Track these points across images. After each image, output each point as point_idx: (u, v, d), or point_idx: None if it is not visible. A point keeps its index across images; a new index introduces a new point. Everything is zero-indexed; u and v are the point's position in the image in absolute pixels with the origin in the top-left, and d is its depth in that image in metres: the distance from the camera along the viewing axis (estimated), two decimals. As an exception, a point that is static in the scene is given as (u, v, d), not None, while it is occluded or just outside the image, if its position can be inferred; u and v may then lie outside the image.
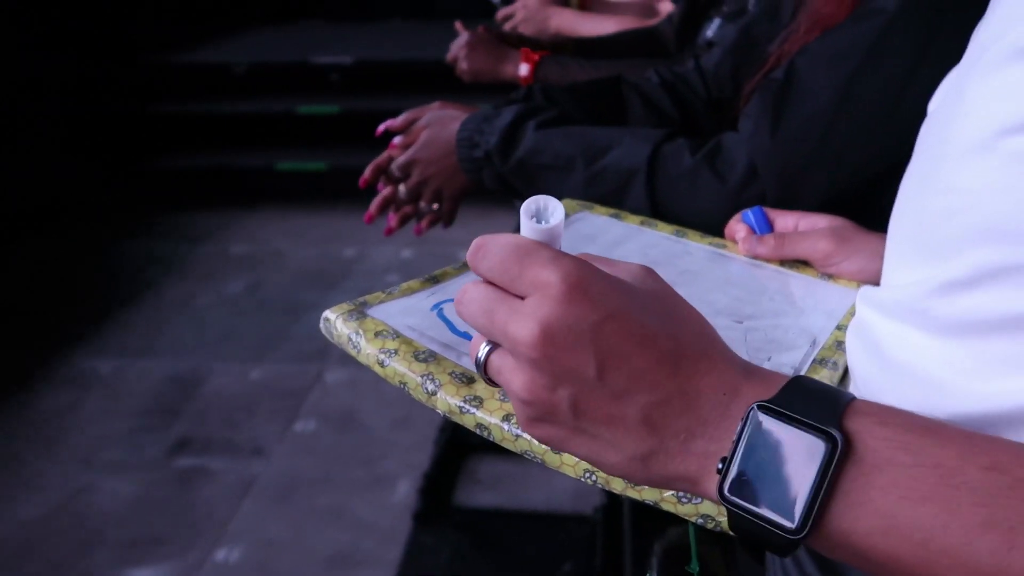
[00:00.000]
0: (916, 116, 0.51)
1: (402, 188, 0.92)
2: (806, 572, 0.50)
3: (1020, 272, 0.35)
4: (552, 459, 0.41)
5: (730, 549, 0.39)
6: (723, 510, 0.36)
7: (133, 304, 2.81)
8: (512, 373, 0.34)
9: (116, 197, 3.60)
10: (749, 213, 0.64)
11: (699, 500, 0.37)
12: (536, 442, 0.41)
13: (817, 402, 0.31)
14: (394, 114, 0.94)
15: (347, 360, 2.45)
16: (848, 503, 0.29)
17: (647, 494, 0.38)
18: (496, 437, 0.43)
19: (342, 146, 3.43)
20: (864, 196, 0.69)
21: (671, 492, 0.37)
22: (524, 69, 1.18)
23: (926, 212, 0.42)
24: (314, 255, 3.15)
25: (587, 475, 0.40)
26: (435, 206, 0.93)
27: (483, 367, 0.36)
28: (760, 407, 0.31)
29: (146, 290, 2.91)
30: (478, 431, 0.43)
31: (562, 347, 0.32)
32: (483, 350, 0.35)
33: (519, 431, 0.42)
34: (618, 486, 0.39)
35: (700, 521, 0.37)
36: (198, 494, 1.98)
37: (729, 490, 0.31)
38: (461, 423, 0.44)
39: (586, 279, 0.33)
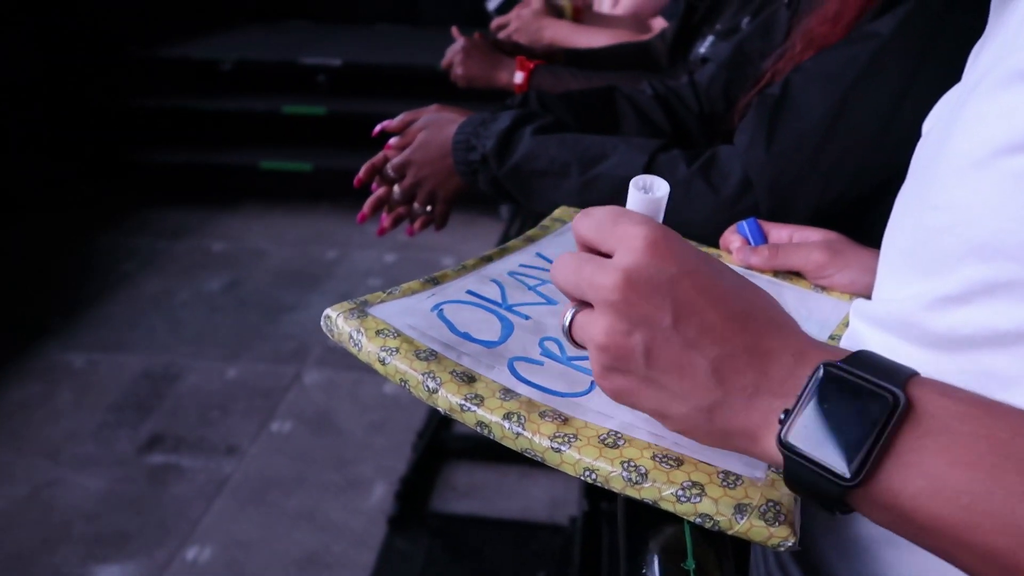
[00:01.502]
0: (907, 136, 0.52)
1: (396, 189, 0.92)
2: (789, 575, 0.51)
3: (1012, 288, 0.36)
4: (552, 457, 0.41)
5: (722, 551, 0.40)
6: (722, 509, 0.37)
7: (109, 298, 2.78)
8: (594, 322, 0.36)
9: (96, 190, 3.56)
10: (744, 224, 0.65)
11: (697, 499, 0.37)
12: (536, 440, 0.41)
13: (883, 369, 0.33)
14: (381, 118, 0.95)
15: (325, 362, 2.45)
16: (901, 463, 0.31)
17: (646, 492, 0.38)
18: (497, 435, 0.43)
19: (328, 148, 3.42)
20: (855, 211, 0.71)
21: (670, 491, 0.38)
22: (519, 77, 1.19)
23: (920, 228, 0.43)
24: (295, 255, 3.13)
25: (587, 473, 0.40)
26: (428, 208, 0.93)
27: (568, 328, 0.39)
28: (827, 364, 0.33)
29: (123, 284, 2.88)
30: (479, 429, 0.43)
31: (641, 293, 0.35)
32: (569, 313, 0.39)
33: (520, 429, 0.42)
34: (617, 485, 0.39)
35: (699, 520, 0.37)
36: (169, 492, 1.95)
37: (790, 437, 0.33)
38: (462, 421, 0.44)
39: (670, 238, 0.36)
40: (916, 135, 0.52)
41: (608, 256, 0.37)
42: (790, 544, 0.36)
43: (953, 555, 0.31)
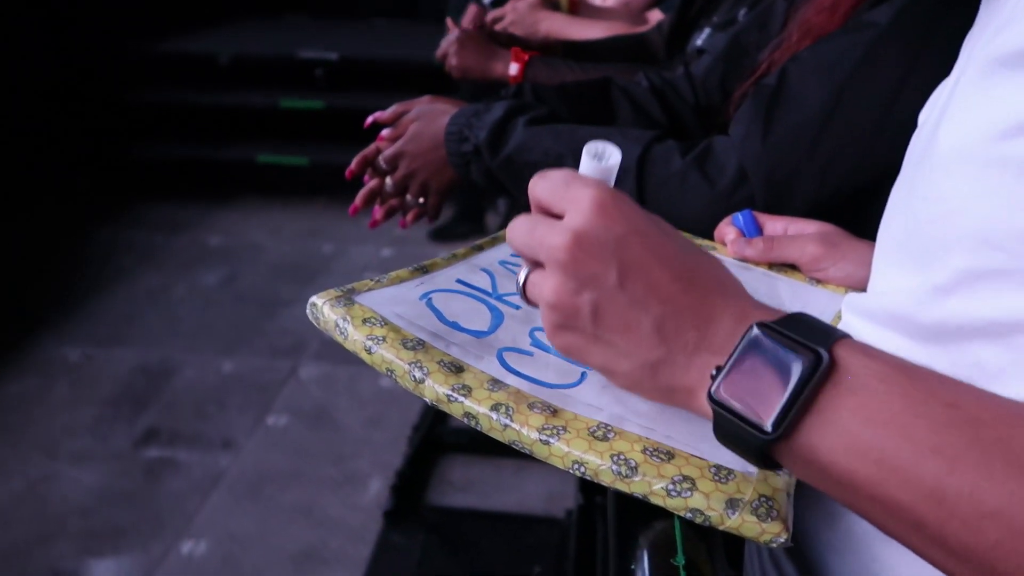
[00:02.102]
0: (905, 127, 0.52)
1: (388, 181, 0.91)
2: (784, 573, 0.50)
3: (997, 278, 0.36)
4: (541, 450, 0.40)
5: (713, 545, 0.39)
6: (713, 504, 0.36)
7: (105, 292, 2.77)
8: (544, 281, 0.38)
9: (93, 184, 3.55)
10: (739, 216, 0.64)
11: (688, 494, 0.37)
12: (524, 432, 0.41)
13: (814, 330, 0.34)
14: None
15: (322, 356, 2.45)
16: (820, 419, 0.32)
17: (636, 487, 0.38)
18: (484, 427, 0.42)
19: (325, 142, 3.41)
20: (852, 204, 0.70)
21: (660, 485, 0.37)
22: (514, 68, 1.18)
23: (912, 219, 0.42)
24: (292, 250, 3.12)
25: (576, 467, 0.39)
26: (421, 200, 0.92)
27: (523, 287, 0.40)
28: (759, 324, 0.34)
29: (119, 278, 2.87)
30: (466, 420, 0.42)
31: (589, 253, 0.36)
32: (523, 272, 0.40)
33: (507, 421, 0.41)
34: (607, 478, 0.38)
35: (689, 515, 0.36)
36: (164, 486, 1.95)
37: (718, 393, 0.34)
38: (449, 412, 0.43)
39: (618, 199, 0.37)
40: (913, 126, 0.51)
41: (560, 217, 0.38)
42: (782, 540, 0.35)
43: (865, 510, 0.32)
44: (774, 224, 0.64)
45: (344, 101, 3.41)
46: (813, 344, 0.32)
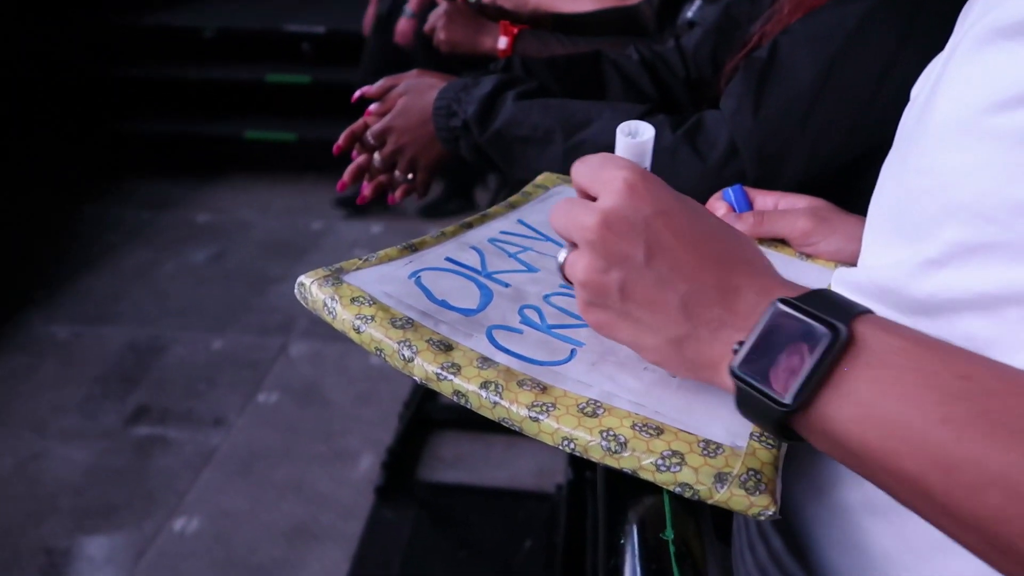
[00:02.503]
0: (897, 100, 0.51)
1: (377, 156, 0.90)
2: (772, 546, 0.50)
3: (988, 251, 0.35)
4: (530, 427, 0.40)
5: (702, 519, 0.39)
6: (702, 478, 0.36)
7: (93, 270, 2.75)
8: (577, 260, 0.39)
9: (79, 161, 3.51)
10: (729, 191, 0.64)
11: (677, 468, 0.37)
12: (514, 409, 0.41)
13: (835, 306, 0.34)
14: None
15: (312, 333, 2.44)
16: (837, 392, 0.33)
17: (625, 462, 0.38)
18: (474, 404, 0.42)
19: (313, 117, 3.38)
20: (844, 178, 0.70)
21: (649, 460, 0.37)
22: (503, 42, 1.17)
23: (904, 192, 0.42)
24: (281, 227, 3.11)
25: (565, 443, 0.39)
26: (410, 176, 0.91)
27: (562, 266, 0.41)
28: (781, 300, 0.35)
29: (106, 256, 2.85)
30: (456, 398, 0.42)
31: (617, 232, 0.37)
32: (563, 253, 0.41)
33: (497, 398, 0.41)
34: (596, 454, 0.39)
35: (679, 490, 0.37)
36: (155, 463, 1.95)
37: (739, 367, 0.35)
38: (439, 390, 0.43)
39: (648, 181, 0.38)
40: (904, 99, 0.51)
41: (595, 200, 0.39)
42: (770, 513, 0.36)
43: (879, 479, 0.33)
44: (764, 199, 0.64)
45: (332, 75, 3.37)
46: (833, 319, 0.33)
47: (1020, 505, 0.28)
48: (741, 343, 0.36)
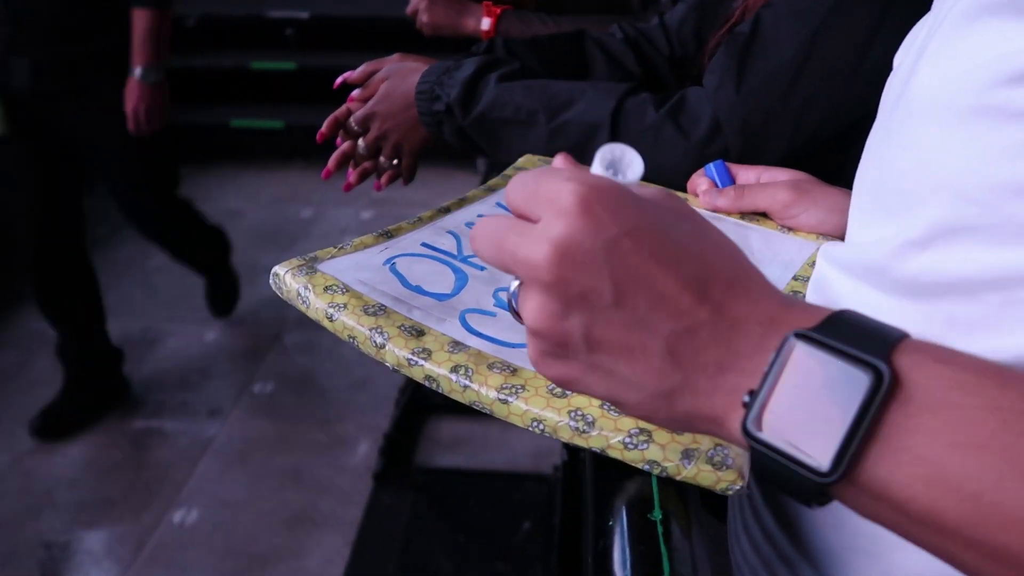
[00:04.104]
0: (881, 71, 0.51)
1: (361, 143, 0.90)
2: (764, 523, 0.51)
3: (970, 233, 0.35)
4: (500, 409, 0.41)
5: (691, 500, 0.39)
6: (669, 455, 0.36)
7: (82, 264, 2.73)
8: (526, 301, 0.31)
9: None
10: (711, 167, 0.64)
11: (645, 446, 0.37)
12: (483, 392, 0.41)
13: (865, 334, 0.28)
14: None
15: (305, 322, 2.41)
16: (890, 447, 0.26)
17: (593, 441, 0.38)
18: (444, 388, 0.43)
19: (299, 104, 3.34)
20: (829, 152, 0.70)
21: (618, 439, 0.38)
22: (486, 23, 1.16)
23: (887, 169, 0.42)
24: (270, 215, 3.09)
25: (535, 424, 0.40)
26: (395, 162, 0.91)
27: (511, 302, 0.33)
28: (798, 335, 0.28)
29: (95, 249, 2.81)
30: (427, 383, 0.43)
31: (574, 267, 0.29)
32: (514, 285, 0.33)
33: (467, 382, 0.41)
34: (565, 434, 0.39)
35: (646, 467, 0.37)
36: (152, 456, 1.95)
37: (754, 425, 0.28)
38: (410, 376, 0.43)
39: (602, 192, 0.29)
40: (888, 70, 0.50)
41: (536, 222, 0.31)
42: (738, 488, 0.36)
43: (955, 554, 0.26)
44: (746, 173, 0.64)
45: (317, 61, 3.34)
46: (869, 356, 0.26)
47: None
48: (752, 393, 0.28)
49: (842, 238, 0.62)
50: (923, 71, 0.39)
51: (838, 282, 0.45)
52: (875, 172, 0.44)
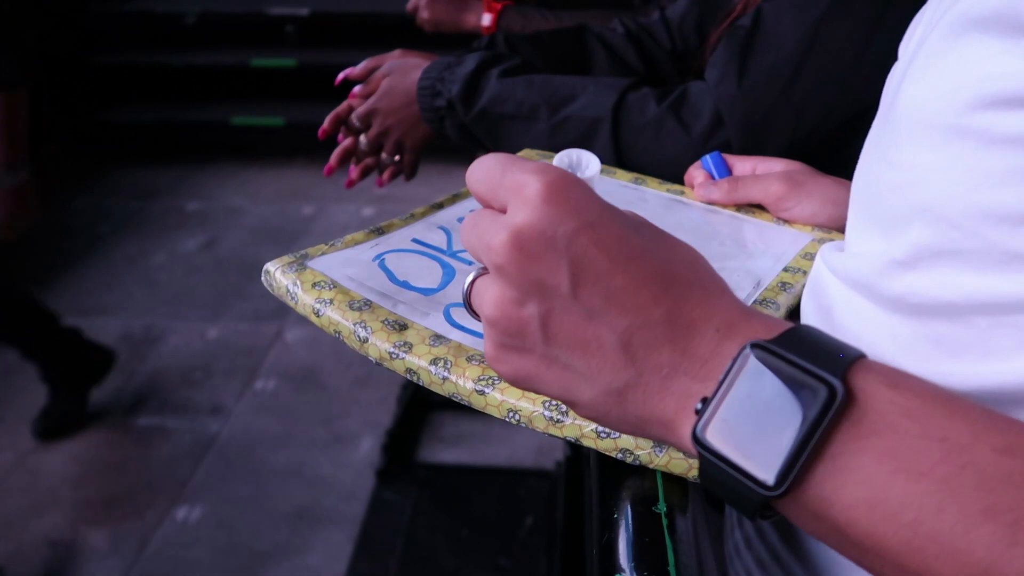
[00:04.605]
0: (882, 63, 0.51)
1: (363, 139, 0.90)
2: (769, 542, 0.50)
3: (954, 257, 0.33)
4: (477, 400, 0.41)
5: (695, 492, 0.39)
6: (641, 443, 0.36)
7: (83, 262, 2.74)
8: (484, 291, 0.31)
9: (64, 151, 3.48)
10: (708, 159, 0.64)
11: (617, 435, 0.37)
12: (461, 383, 0.41)
13: (822, 351, 0.27)
14: None
15: (307, 319, 2.43)
16: (836, 467, 0.26)
17: (568, 431, 0.39)
18: (424, 381, 0.43)
19: (300, 101, 3.34)
20: (831, 144, 0.69)
21: (591, 427, 0.38)
22: (486, 19, 1.16)
23: (876, 183, 0.41)
24: (271, 212, 3.09)
25: (511, 415, 0.40)
26: (397, 158, 0.91)
27: (467, 294, 0.33)
28: (755, 345, 0.28)
29: (96, 248, 2.83)
30: (408, 376, 0.44)
31: (533, 254, 0.29)
32: (471, 275, 0.33)
33: (446, 373, 0.42)
34: (540, 424, 0.39)
35: (620, 456, 0.37)
36: (155, 453, 1.96)
37: (704, 433, 0.28)
38: (392, 369, 0.44)
39: (568, 185, 0.30)
40: (891, 63, 0.50)
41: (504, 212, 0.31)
42: None
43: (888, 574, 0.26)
44: (743, 164, 0.64)
45: (317, 58, 3.33)
46: (824, 372, 0.26)
47: None
48: (705, 400, 0.28)
49: (837, 229, 0.61)
50: (909, 84, 0.38)
51: (833, 287, 0.44)
52: (866, 184, 0.43)
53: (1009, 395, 0.32)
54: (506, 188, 0.31)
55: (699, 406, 0.28)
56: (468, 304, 0.33)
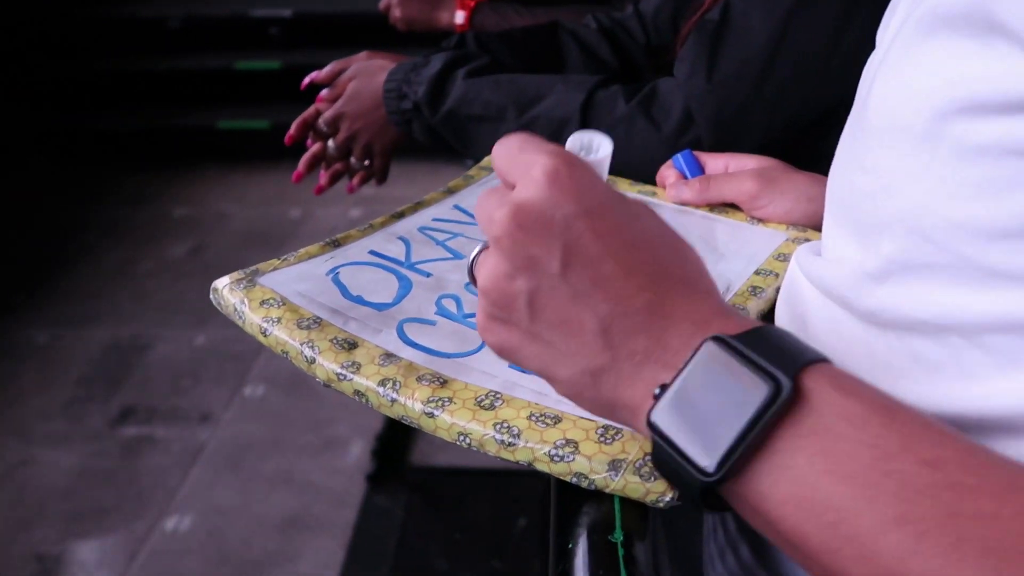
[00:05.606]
0: (855, 57, 0.49)
1: (331, 144, 0.88)
2: (741, 556, 0.49)
3: (926, 271, 0.32)
4: (427, 423, 0.40)
5: (654, 520, 0.38)
6: (596, 467, 0.35)
7: (69, 270, 2.71)
8: (484, 261, 0.33)
9: (48, 158, 3.45)
10: (679, 157, 0.62)
11: (571, 458, 0.36)
12: (410, 405, 0.40)
13: (781, 350, 0.28)
14: None
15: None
16: (773, 463, 0.27)
17: (520, 454, 0.37)
18: (373, 403, 0.41)
19: (285, 103, 3.30)
20: (806, 139, 0.68)
21: (544, 451, 0.36)
22: (459, 17, 1.14)
23: (852, 187, 0.39)
24: (259, 216, 3.07)
25: (461, 438, 0.39)
26: (367, 162, 0.89)
27: (471, 264, 0.35)
28: (715, 339, 0.29)
29: (82, 255, 2.81)
30: (357, 398, 0.42)
31: (529, 231, 0.31)
32: (476, 248, 0.35)
33: (394, 395, 0.40)
34: (491, 448, 0.38)
35: (575, 480, 0.36)
36: (144, 463, 1.93)
37: (658, 418, 0.29)
38: (341, 391, 0.42)
39: (574, 169, 0.31)
40: (865, 55, 0.48)
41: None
42: (668, 499, 0.34)
43: (816, 573, 0.27)
44: (715, 162, 0.62)
45: (302, 59, 3.29)
46: (775, 369, 0.27)
47: None
48: (664, 386, 0.29)
49: (813, 226, 0.59)
50: (881, 83, 0.36)
51: (809, 293, 0.42)
52: (842, 183, 0.41)
53: (991, 422, 0.30)
54: (517, 166, 0.32)
55: (657, 391, 0.29)
56: (472, 276, 0.35)
